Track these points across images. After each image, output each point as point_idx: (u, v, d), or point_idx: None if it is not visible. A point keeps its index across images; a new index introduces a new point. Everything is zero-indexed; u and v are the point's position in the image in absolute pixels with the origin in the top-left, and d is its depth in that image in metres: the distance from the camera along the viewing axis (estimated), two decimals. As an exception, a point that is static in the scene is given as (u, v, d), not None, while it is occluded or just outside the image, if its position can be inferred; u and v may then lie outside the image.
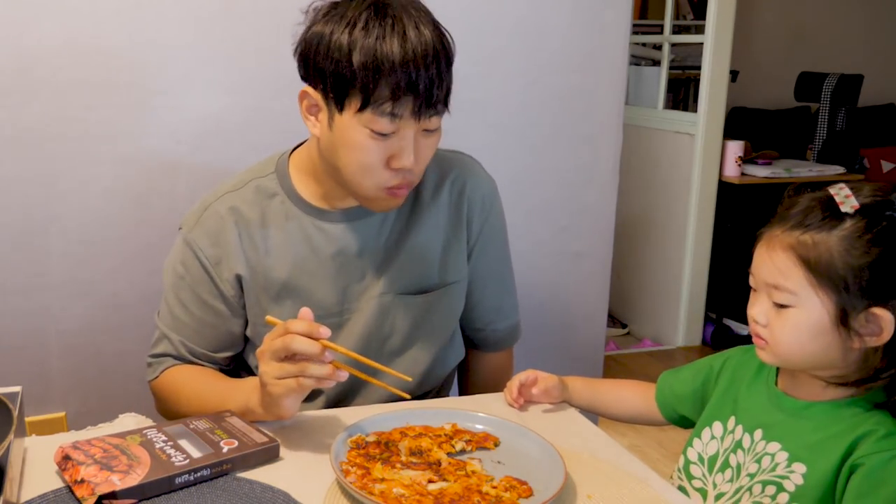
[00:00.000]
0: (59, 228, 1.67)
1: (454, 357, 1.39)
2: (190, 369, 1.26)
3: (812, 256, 0.96)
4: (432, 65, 1.08)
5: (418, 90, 1.08)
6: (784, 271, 0.98)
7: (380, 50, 1.06)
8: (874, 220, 0.95)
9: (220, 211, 1.25)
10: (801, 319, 0.98)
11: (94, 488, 0.90)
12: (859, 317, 0.96)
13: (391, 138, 1.11)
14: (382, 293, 1.26)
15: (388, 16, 1.08)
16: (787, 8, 4.58)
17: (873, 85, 4.22)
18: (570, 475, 1.01)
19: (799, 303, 0.98)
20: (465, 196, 1.31)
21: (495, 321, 1.41)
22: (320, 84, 1.12)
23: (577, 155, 2.04)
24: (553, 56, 1.93)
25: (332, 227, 1.25)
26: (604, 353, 2.26)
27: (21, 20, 1.57)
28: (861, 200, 0.95)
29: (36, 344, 1.71)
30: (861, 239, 0.94)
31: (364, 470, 0.99)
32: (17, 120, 1.60)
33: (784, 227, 0.99)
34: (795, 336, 0.99)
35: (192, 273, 1.25)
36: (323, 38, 1.10)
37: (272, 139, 1.76)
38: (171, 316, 1.27)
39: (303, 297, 1.25)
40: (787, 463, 1.01)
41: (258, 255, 1.24)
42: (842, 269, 0.95)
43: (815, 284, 0.96)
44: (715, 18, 3.33)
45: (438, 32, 1.11)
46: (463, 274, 1.33)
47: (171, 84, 1.68)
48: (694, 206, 3.52)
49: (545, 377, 1.23)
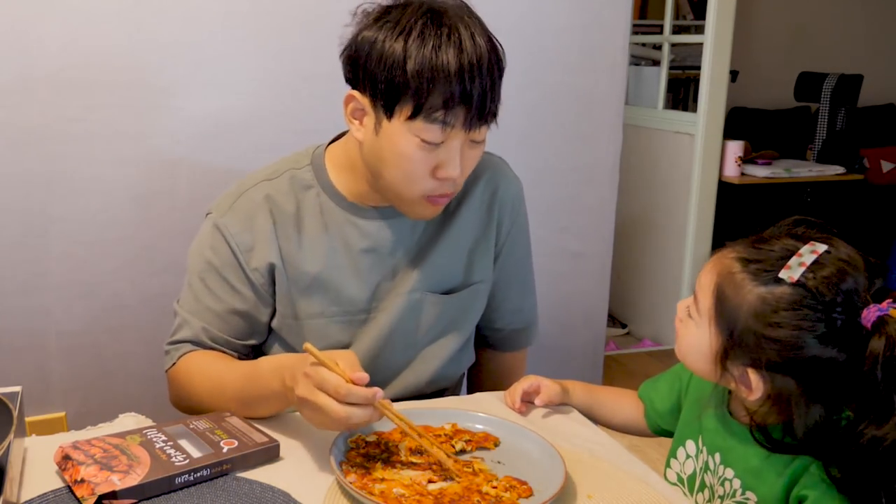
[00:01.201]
0: (60, 229, 1.67)
1: (467, 360, 1.39)
2: (207, 354, 1.23)
3: (727, 294, 0.96)
4: (486, 76, 1.08)
5: (472, 101, 1.07)
6: (704, 290, 1.00)
7: (435, 59, 1.05)
8: (798, 304, 0.91)
9: (256, 198, 1.23)
10: (695, 337, 1.01)
11: (95, 488, 0.90)
12: (736, 367, 0.97)
13: (439, 148, 1.10)
14: (412, 290, 1.26)
15: (444, 25, 1.07)
16: (787, 8, 4.58)
17: (873, 85, 4.22)
18: (570, 475, 1.01)
19: (699, 323, 1.00)
20: (498, 197, 1.31)
21: (515, 322, 1.42)
22: (369, 89, 1.11)
23: (577, 155, 2.04)
24: (553, 56, 1.94)
25: (366, 223, 1.24)
26: (604, 353, 2.26)
27: (21, 20, 1.57)
28: (806, 278, 0.90)
29: (36, 344, 1.71)
30: (774, 311, 0.92)
31: (364, 470, 0.99)
32: (17, 120, 1.61)
33: (736, 254, 0.98)
34: (687, 346, 1.03)
35: (222, 258, 1.23)
36: (376, 44, 1.08)
37: (272, 139, 1.77)
38: (196, 300, 1.24)
39: (333, 292, 1.24)
40: (741, 490, 1.01)
41: (291, 246, 1.23)
42: (740, 323, 0.94)
43: (713, 317, 0.98)
44: (715, 18, 3.33)
45: (492, 44, 1.11)
46: (487, 275, 1.33)
47: (171, 84, 1.68)
48: (694, 206, 3.52)
49: (547, 387, 1.23)
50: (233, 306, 1.23)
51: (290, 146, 1.34)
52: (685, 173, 3.53)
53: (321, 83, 1.79)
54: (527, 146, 1.98)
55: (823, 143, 3.97)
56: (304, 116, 1.79)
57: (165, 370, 1.27)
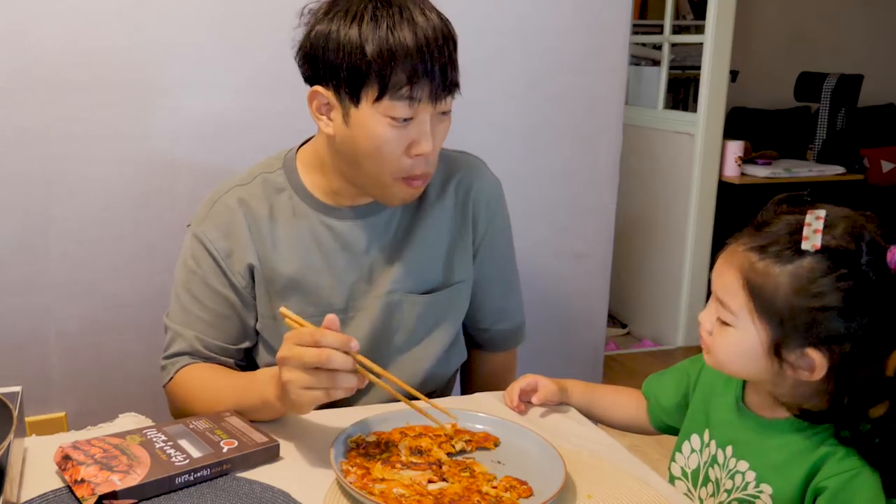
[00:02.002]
0: (60, 228, 1.67)
1: (457, 358, 1.39)
2: (203, 367, 1.24)
3: (758, 285, 0.94)
4: (444, 47, 1.11)
5: (434, 73, 1.10)
6: (731, 291, 0.97)
7: (392, 38, 1.08)
8: (831, 268, 0.92)
9: (230, 203, 1.25)
10: (738, 341, 0.98)
11: (95, 488, 0.90)
12: (793, 353, 0.95)
13: (409, 125, 1.12)
14: (389, 291, 1.26)
15: (393, 4, 1.10)
16: (787, 8, 4.58)
17: (873, 85, 4.22)
18: (570, 475, 1.01)
19: (738, 324, 0.98)
20: (471, 196, 1.32)
21: (500, 321, 1.41)
22: (332, 81, 1.13)
23: (577, 155, 2.04)
24: (553, 56, 1.94)
25: (339, 223, 1.25)
26: (604, 353, 2.26)
27: (21, 20, 1.57)
28: (827, 241, 0.92)
29: (36, 344, 1.71)
30: (812, 283, 0.92)
31: (364, 470, 0.99)
32: (17, 120, 1.60)
33: (746, 246, 0.97)
34: (730, 355, 1.00)
35: (204, 266, 1.24)
36: (331, 35, 1.11)
37: (272, 139, 1.76)
38: (184, 312, 1.26)
39: (309, 293, 1.25)
40: (755, 482, 1.01)
41: (266, 248, 1.24)
42: (783, 307, 0.93)
43: (754, 312, 0.96)
44: (715, 18, 3.33)
45: (442, 17, 1.14)
46: (468, 274, 1.33)
47: (171, 84, 1.68)
48: (694, 206, 3.52)
49: (544, 385, 1.23)
50: (221, 312, 1.24)
51: (289, 146, 1.34)
52: (685, 173, 3.54)
53: (321, 83, 1.79)
54: (527, 146, 1.97)
55: (823, 143, 3.97)
56: (303, 116, 1.77)
57: (163, 385, 1.28)
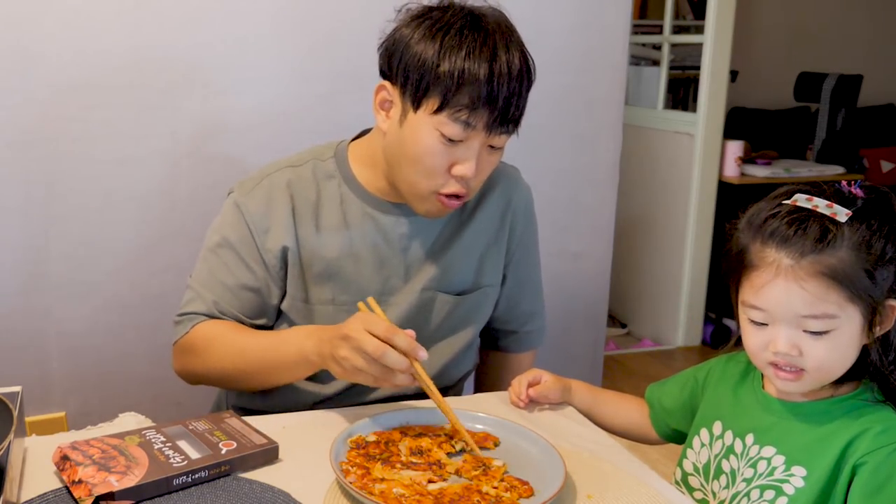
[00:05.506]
0: (60, 229, 1.67)
1: (469, 361, 1.41)
2: (225, 322, 1.25)
3: (841, 273, 0.94)
4: (514, 84, 1.12)
5: (496, 104, 1.11)
6: (822, 297, 0.94)
7: (468, 62, 1.09)
8: (873, 222, 0.95)
9: (278, 183, 1.26)
10: (844, 337, 0.96)
11: (92, 489, 0.90)
12: (883, 315, 0.97)
13: (458, 146, 1.13)
14: (424, 289, 1.28)
15: (480, 30, 1.11)
16: (787, 8, 4.58)
17: (873, 85, 4.21)
18: (570, 475, 1.01)
19: (839, 323, 0.95)
20: (512, 205, 1.35)
21: (528, 324, 1.46)
22: (400, 81, 1.14)
23: (577, 155, 2.04)
24: (553, 56, 1.93)
25: (385, 217, 1.26)
26: (604, 353, 2.26)
27: (22, 21, 1.57)
28: (852, 206, 0.96)
29: (36, 344, 1.71)
30: (868, 248, 0.94)
31: (364, 470, 0.98)
32: (17, 120, 1.61)
33: (797, 257, 0.95)
34: (839, 355, 0.97)
35: (238, 235, 1.25)
36: (413, 40, 1.12)
37: (272, 139, 1.77)
38: (209, 274, 1.26)
39: (345, 281, 1.26)
40: (785, 467, 1.01)
41: (308, 232, 1.25)
42: (866, 277, 0.94)
43: (851, 300, 0.94)
44: (715, 18, 3.33)
45: (525, 56, 1.15)
46: (496, 279, 1.36)
47: (171, 85, 1.68)
48: (693, 206, 3.52)
49: (547, 381, 1.23)
50: (245, 283, 1.25)
51: (289, 146, 1.34)
52: (685, 173, 3.53)
53: (321, 83, 1.79)
54: (527, 146, 1.97)
55: (823, 143, 3.96)
56: (303, 116, 1.79)
57: (174, 341, 1.28)
